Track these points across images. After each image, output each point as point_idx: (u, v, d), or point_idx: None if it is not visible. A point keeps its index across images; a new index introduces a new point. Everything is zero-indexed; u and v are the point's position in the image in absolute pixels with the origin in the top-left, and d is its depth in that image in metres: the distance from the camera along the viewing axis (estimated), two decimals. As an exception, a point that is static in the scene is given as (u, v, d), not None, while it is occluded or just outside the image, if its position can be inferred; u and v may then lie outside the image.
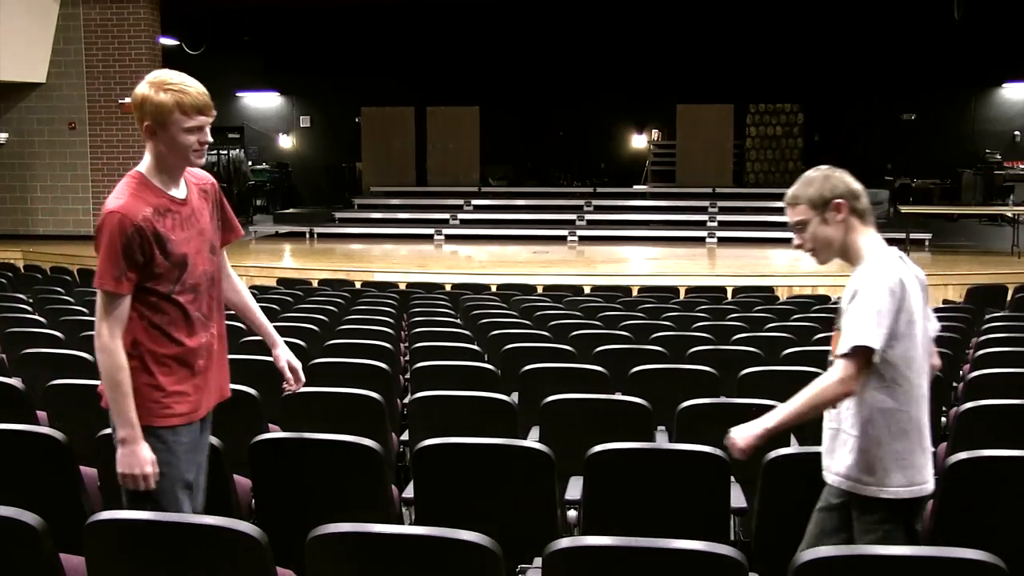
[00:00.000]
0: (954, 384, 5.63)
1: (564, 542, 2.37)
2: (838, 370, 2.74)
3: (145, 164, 2.98)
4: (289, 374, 3.29)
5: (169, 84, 2.89)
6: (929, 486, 2.84)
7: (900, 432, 2.80)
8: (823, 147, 20.72)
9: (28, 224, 15.66)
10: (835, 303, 3.04)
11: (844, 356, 2.74)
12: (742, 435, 2.84)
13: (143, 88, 2.91)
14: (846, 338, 2.75)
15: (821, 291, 10.65)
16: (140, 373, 2.92)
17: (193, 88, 2.92)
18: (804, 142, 20.31)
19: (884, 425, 2.80)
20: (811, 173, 2.96)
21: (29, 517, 2.40)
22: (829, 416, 2.94)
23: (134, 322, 2.92)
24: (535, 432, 4.27)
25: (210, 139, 2.98)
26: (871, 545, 2.61)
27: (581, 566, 2.38)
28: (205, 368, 3.06)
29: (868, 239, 2.93)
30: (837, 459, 2.88)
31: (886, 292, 2.76)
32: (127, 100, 15.10)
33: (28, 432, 3.36)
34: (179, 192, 3.00)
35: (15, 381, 4.39)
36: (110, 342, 2.86)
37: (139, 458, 2.87)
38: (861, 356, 2.73)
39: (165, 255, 2.91)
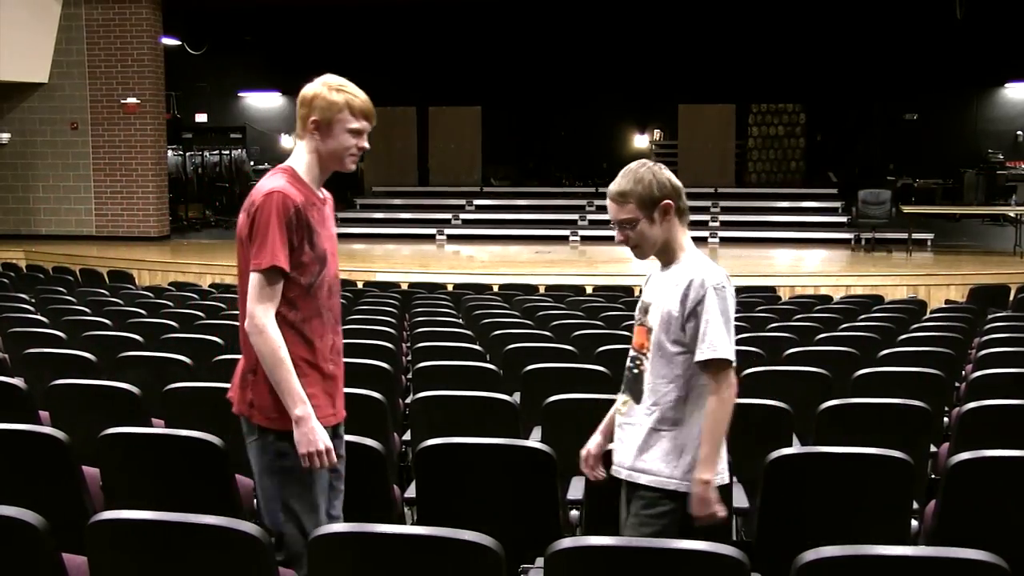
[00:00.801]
0: (956, 384, 5.63)
1: (566, 542, 2.37)
2: (714, 381, 2.79)
3: (297, 161, 3.00)
4: None
5: (342, 87, 2.97)
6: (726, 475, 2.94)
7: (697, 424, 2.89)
8: (825, 147, 20.73)
9: (30, 224, 15.67)
10: (646, 299, 3.02)
11: (713, 366, 2.78)
12: (707, 507, 2.77)
13: (315, 86, 2.97)
14: (713, 349, 2.76)
15: (824, 291, 10.65)
16: None
17: (361, 94, 2.99)
18: (806, 142, 20.33)
19: (692, 418, 2.86)
20: (638, 170, 2.89)
21: (31, 517, 2.40)
22: (635, 414, 2.90)
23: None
24: (537, 432, 4.27)
25: (367, 146, 3.01)
26: (880, 546, 2.63)
27: (583, 566, 2.38)
28: (334, 373, 3.03)
29: (686, 238, 2.97)
30: (648, 457, 2.86)
31: (731, 297, 2.85)
32: (129, 100, 15.16)
33: (30, 432, 3.36)
34: (320, 194, 3.04)
35: (17, 381, 4.39)
36: (265, 320, 2.84)
37: (319, 433, 2.83)
38: (728, 364, 2.80)
39: (312, 246, 2.91)
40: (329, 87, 2.95)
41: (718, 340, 2.77)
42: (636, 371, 2.92)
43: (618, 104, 20.68)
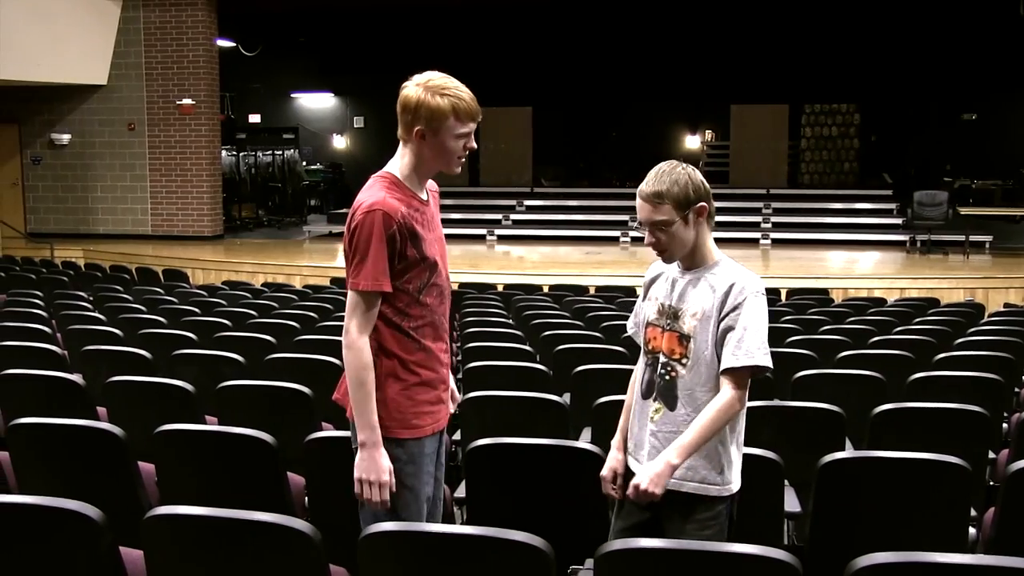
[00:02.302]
0: (1016, 389, 5.51)
1: (616, 544, 2.36)
2: (733, 388, 2.73)
3: (398, 166, 2.91)
4: None
5: (444, 89, 2.82)
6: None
7: (739, 432, 2.87)
8: (880, 148, 20.45)
9: (89, 223, 15.99)
10: (669, 303, 2.93)
11: (738, 372, 2.72)
12: (653, 480, 2.70)
13: (416, 91, 2.83)
14: (746, 355, 2.71)
15: (878, 294, 10.50)
16: (392, 381, 2.85)
17: (466, 94, 2.85)
18: (860, 143, 20.05)
19: (736, 427, 2.84)
20: (673, 170, 2.81)
21: (90, 510, 2.44)
22: (672, 422, 2.83)
23: (383, 328, 2.85)
24: (587, 433, 4.26)
25: (475, 146, 2.92)
26: (934, 553, 2.57)
27: (633, 568, 2.37)
28: (445, 377, 3.00)
29: (712, 242, 2.89)
30: (694, 464, 2.79)
31: (766, 305, 2.79)
32: (185, 101, 15.39)
33: (88, 427, 3.42)
34: (423, 195, 2.95)
35: (76, 377, 4.47)
36: (359, 339, 2.79)
37: (378, 465, 2.79)
38: (753, 373, 2.75)
39: (420, 254, 2.85)
40: (431, 91, 2.81)
41: (757, 347, 2.72)
42: (668, 377, 2.86)
43: (670, 105, 20.58)
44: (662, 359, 2.87)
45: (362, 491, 2.81)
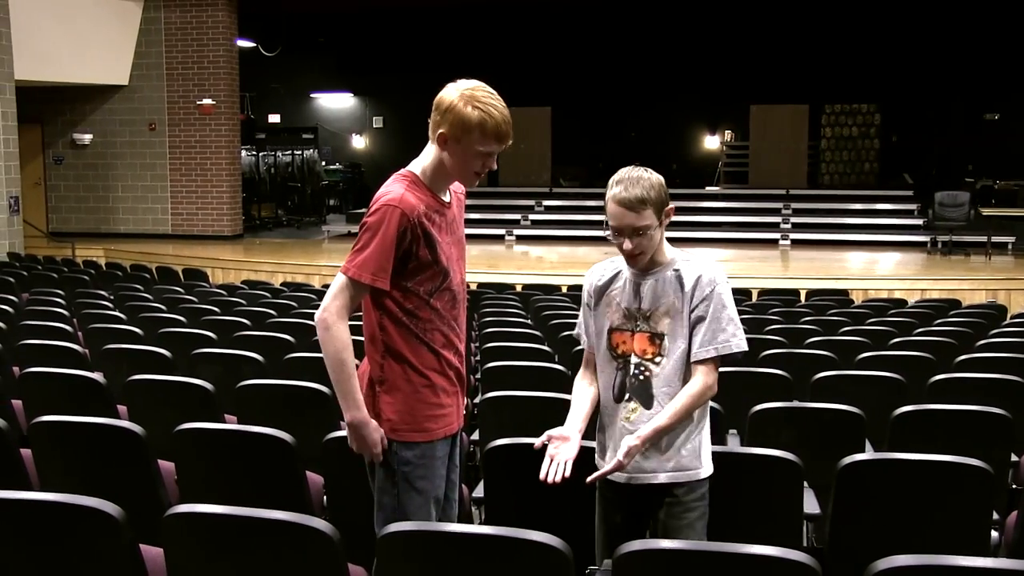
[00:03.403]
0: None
1: (636, 545, 2.36)
2: (706, 376, 2.80)
3: (420, 166, 2.89)
4: None
5: (479, 101, 2.77)
6: None
7: (707, 418, 2.94)
8: (901, 148, 20.32)
9: (110, 223, 16.09)
10: (637, 305, 2.93)
11: (710, 361, 2.80)
12: (626, 453, 2.78)
13: (452, 95, 2.79)
14: (724, 342, 2.79)
15: (898, 295, 10.44)
16: (402, 384, 2.85)
17: (499, 113, 2.78)
18: (881, 143, 19.94)
19: (706, 413, 2.92)
20: (643, 175, 2.81)
21: (111, 508, 2.45)
22: (643, 421, 2.84)
23: (392, 328, 2.85)
24: (605, 434, 4.25)
25: (494, 166, 2.89)
26: (955, 554, 2.55)
27: (651, 569, 2.36)
28: (458, 380, 2.99)
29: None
30: (676, 458, 2.86)
31: (731, 293, 2.86)
32: (205, 101, 15.47)
33: (109, 426, 3.44)
34: (445, 197, 2.93)
35: (97, 376, 4.50)
36: (338, 321, 2.77)
37: (370, 441, 2.82)
38: (723, 360, 2.83)
39: (434, 256, 2.83)
40: (466, 99, 2.77)
41: (730, 335, 2.80)
42: (642, 378, 2.89)
43: (689, 105, 20.52)
44: (634, 360, 2.90)
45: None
